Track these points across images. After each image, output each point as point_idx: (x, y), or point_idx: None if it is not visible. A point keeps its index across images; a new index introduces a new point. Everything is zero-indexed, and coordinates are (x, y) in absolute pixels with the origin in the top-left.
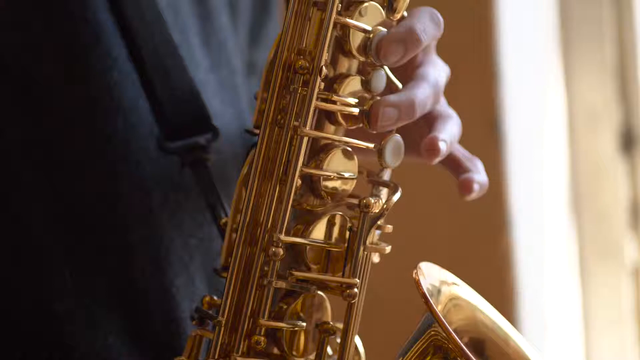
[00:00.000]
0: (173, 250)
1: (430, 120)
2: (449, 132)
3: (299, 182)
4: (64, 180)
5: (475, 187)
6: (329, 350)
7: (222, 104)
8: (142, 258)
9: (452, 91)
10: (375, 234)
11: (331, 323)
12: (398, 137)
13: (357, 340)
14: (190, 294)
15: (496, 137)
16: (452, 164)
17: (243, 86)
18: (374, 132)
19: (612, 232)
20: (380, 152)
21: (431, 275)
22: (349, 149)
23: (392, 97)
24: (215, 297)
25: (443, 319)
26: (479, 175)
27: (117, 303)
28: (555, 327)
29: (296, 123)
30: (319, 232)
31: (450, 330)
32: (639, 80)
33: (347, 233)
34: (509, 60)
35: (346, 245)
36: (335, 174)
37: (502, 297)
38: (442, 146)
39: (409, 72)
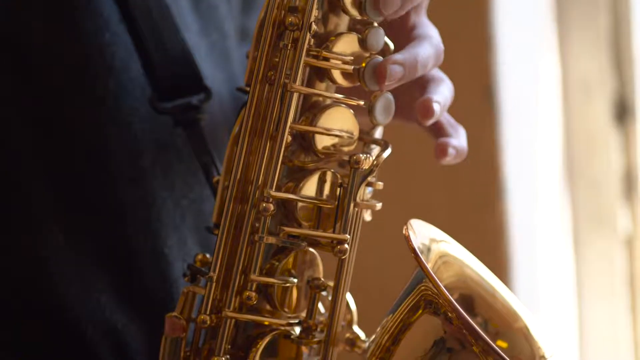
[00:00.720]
0: (165, 210)
1: (422, 83)
2: (442, 95)
3: (289, 138)
4: (57, 140)
5: (451, 151)
6: (321, 308)
7: (212, 68)
8: (134, 218)
9: (447, 59)
10: (366, 191)
11: (322, 279)
12: (388, 94)
13: (349, 297)
14: (182, 254)
15: (490, 106)
16: (435, 128)
17: (235, 51)
18: (375, 89)
19: (605, 201)
20: (370, 109)
21: (421, 233)
22: (343, 106)
23: (398, 56)
24: (207, 255)
25: (433, 274)
26: (458, 141)
27: (110, 263)
28: (548, 295)
29: (287, 80)
30: (309, 188)
31: (440, 284)
32: (633, 49)
33: (338, 190)
34: (503, 28)
35: (337, 202)
36: (324, 130)
37: (496, 265)
38: (436, 107)
39: (404, 34)
